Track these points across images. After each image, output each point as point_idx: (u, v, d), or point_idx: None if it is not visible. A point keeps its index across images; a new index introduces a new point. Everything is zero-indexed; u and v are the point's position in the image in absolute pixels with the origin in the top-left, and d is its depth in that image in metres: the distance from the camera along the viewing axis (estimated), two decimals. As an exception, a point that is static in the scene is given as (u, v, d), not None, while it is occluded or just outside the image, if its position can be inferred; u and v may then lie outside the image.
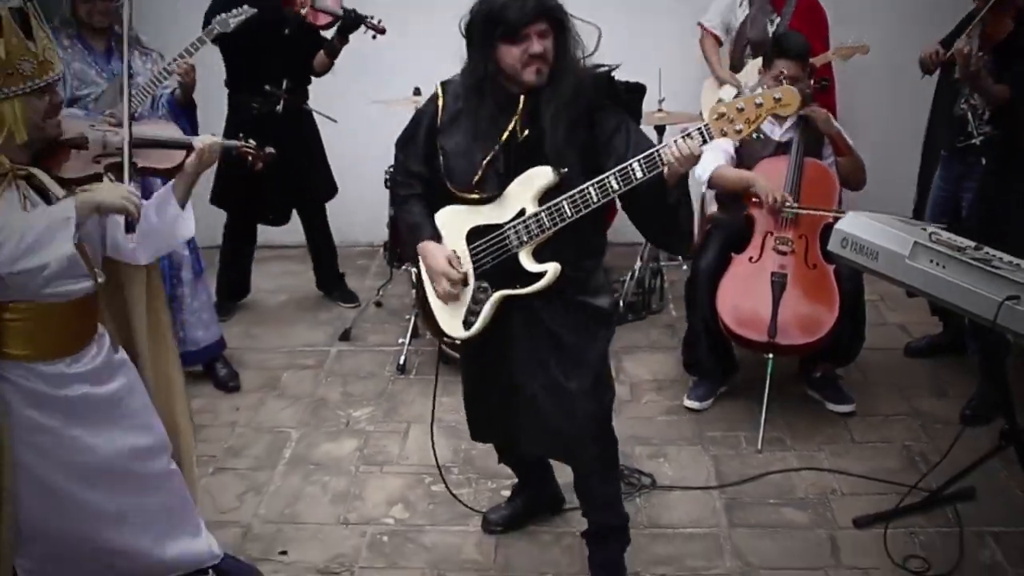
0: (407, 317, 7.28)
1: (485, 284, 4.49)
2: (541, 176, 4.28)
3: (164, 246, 4.42)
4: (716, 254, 6.30)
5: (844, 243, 4.94)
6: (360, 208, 8.48)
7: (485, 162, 4.37)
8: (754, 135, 4.41)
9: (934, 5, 6.80)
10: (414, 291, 6.92)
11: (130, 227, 3.98)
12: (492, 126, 4.37)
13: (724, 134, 4.11)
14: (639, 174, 4.15)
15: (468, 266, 4.50)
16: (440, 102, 4.53)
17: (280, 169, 6.62)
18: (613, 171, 4.18)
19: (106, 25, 6.12)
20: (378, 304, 7.88)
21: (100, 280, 4.05)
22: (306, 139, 7.55)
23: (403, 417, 6.40)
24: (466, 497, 5.50)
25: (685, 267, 7.38)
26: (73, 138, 4.10)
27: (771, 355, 6.00)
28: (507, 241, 4.39)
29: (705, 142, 4.10)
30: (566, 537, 5.21)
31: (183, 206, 4.32)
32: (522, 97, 4.31)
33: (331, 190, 7.88)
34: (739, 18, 7.83)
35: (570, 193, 4.24)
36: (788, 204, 6.12)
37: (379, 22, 7.17)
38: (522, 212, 4.34)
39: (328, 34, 7.38)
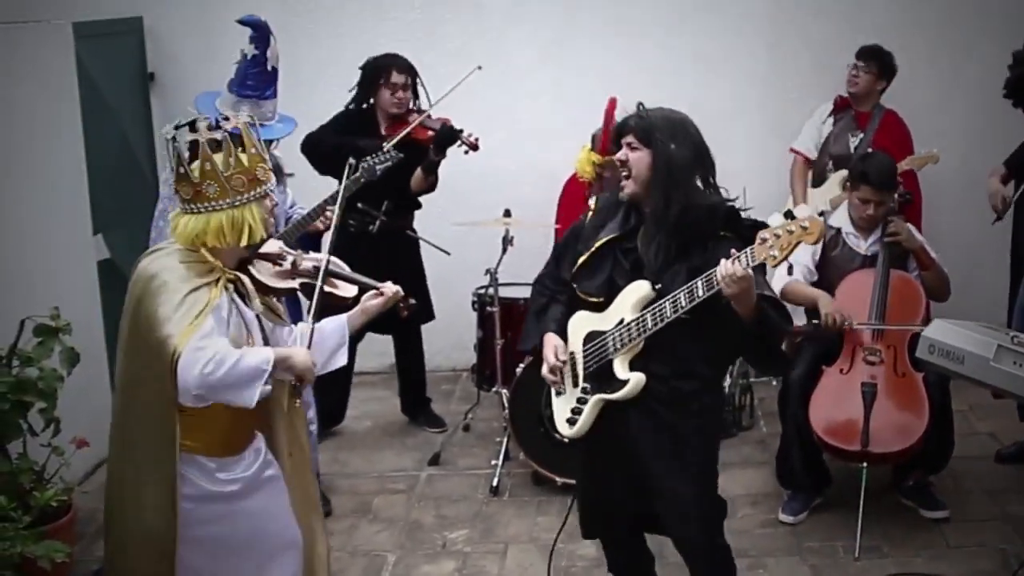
0: (497, 440, 7.65)
1: (588, 386, 5.03)
2: (639, 290, 4.85)
3: (319, 369, 4.77)
4: (807, 367, 6.75)
5: (931, 349, 5.42)
6: (443, 333, 8.87)
7: (590, 259, 5.02)
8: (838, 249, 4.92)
9: (1014, 120, 7.32)
10: (505, 412, 7.45)
11: (297, 392, 4.56)
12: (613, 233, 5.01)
13: (764, 259, 4.56)
14: (701, 292, 4.66)
15: (580, 367, 5.05)
16: (590, 212, 5.16)
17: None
18: (682, 288, 4.71)
19: None
20: (466, 428, 8.25)
21: (269, 388, 4.46)
22: (404, 261, 7.90)
23: (500, 538, 6.78)
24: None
25: (775, 383, 7.79)
26: (272, 253, 4.69)
27: (865, 464, 6.41)
28: (607, 347, 4.95)
29: (749, 265, 4.54)
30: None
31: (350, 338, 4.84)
32: (644, 213, 4.92)
33: (426, 315, 8.23)
34: (823, 134, 8.42)
35: (653, 307, 4.80)
36: (847, 323, 6.56)
37: (476, 139, 7.62)
38: (621, 321, 4.90)
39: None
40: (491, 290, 7.63)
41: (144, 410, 4.45)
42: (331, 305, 4.89)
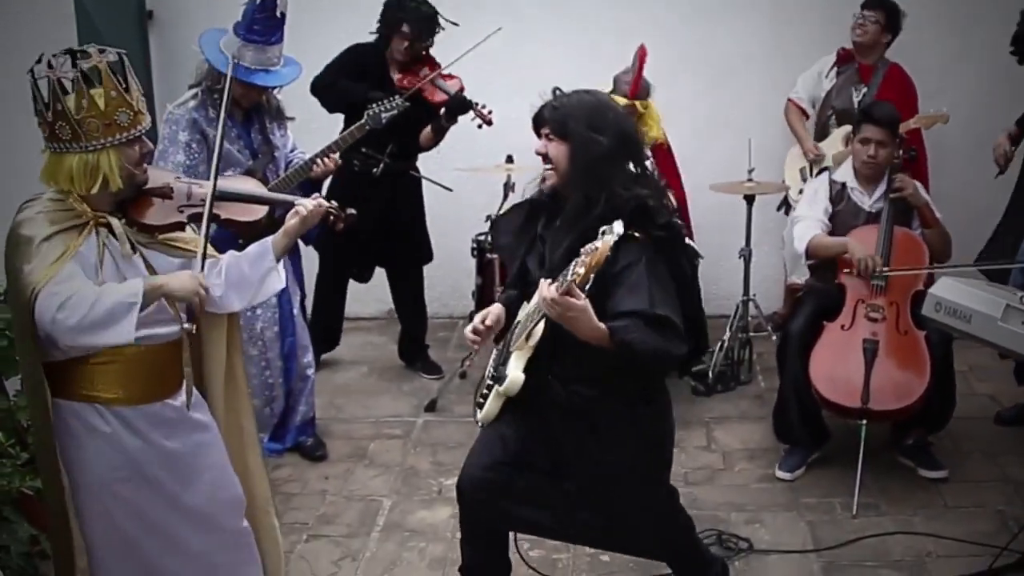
0: None
1: (496, 375, 4.87)
2: (543, 288, 4.42)
3: (253, 297, 4.77)
4: (807, 320, 6.80)
5: (938, 307, 5.44)
6: (441, 280, 8.94)
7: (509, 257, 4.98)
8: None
9: (1020, 75, 7.34)
10: (502, 361, 7.46)
11: (190, 315, 4.41)
12: (532, 227, 4.91)
13: (572, 277, 4.18)
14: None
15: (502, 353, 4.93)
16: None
17: (372, 227, 7.18)
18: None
19: (250, 106, 6.57)
20: (462, 376, 8.24)
21: (187, 326, 4.39)
22: (404, 202, 7.96)
23: (496, 485, 6.82)
24: (564, 562, 5.94)
25: (774, 338, 7.83)
26: (158, 187, 4.54)
27: (864, 421, 6.44)
28: (511, 340, 4.85)
29: (565, 287, 4.20)
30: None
31: (278, 261, 4.73)
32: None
33: (425, 255, 8.29)
34: (825, 88, 8.43)
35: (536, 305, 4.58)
36: (879, 270, 6.63)
37: (488, 112, 7.68)
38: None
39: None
40: (491, 237, 7.62)
41: (20, 360, 4.49)
42: (249, 233, 4.83)
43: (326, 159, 6.73)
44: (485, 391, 4.94)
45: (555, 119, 4.69)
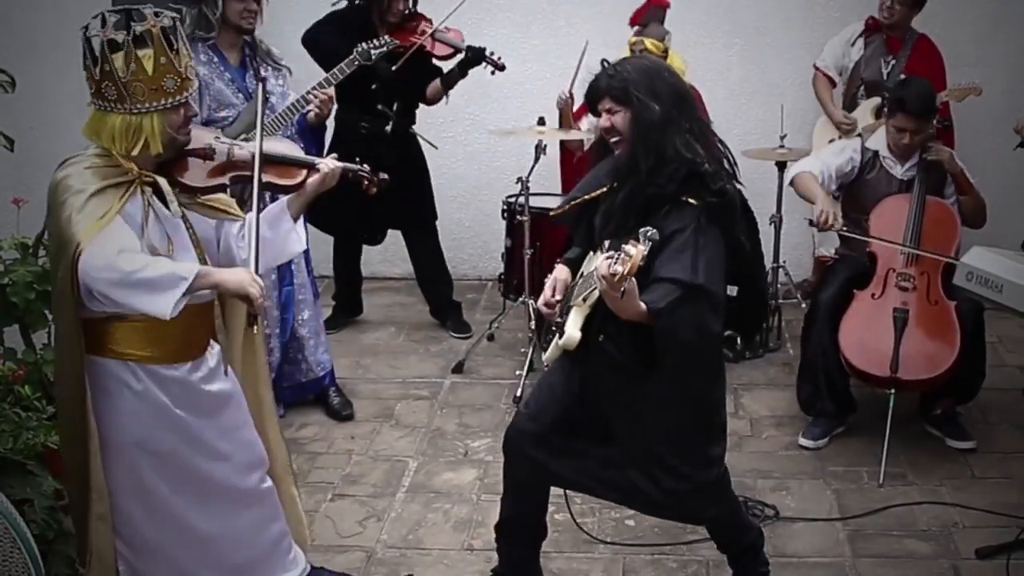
0: (522, 351, 7.67)
1: (559, 325, 4.83)
2: (600, 264, 4.35)
3: (274, 259, 4.82)
4: (837, 289, 6.73)
5: (970, 276, 5.39)
6: (471, 241, 8.90)
7: (572, 208, 4.97)
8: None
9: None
10: (531, 323, 7.43)
11: (252, 319, 4.46)
12: (596, 185, 4.88)
13: (612, 271, 4.12)
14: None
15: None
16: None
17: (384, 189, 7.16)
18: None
19: (253, 28, 6.51)
20: (491, 338, 8.22)
21: (254, 330, 4.47)
22: (412, 161, 7.92)
23: (522, 447, 6.81)
24: (590, 526, 5.92)
25: (803, 305, 7.74)
26: (199, 148, 4.54)
27: (892, 391, 6.40)
28: (570, 295, 4.84)
29: (623, 273, 4.11)
30: (692, 564, 5.65)
31: (295, 221, 4.75)
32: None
33: (431, 215, 8.24)
34: (853, 58, 8.33)
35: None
36: (835, 225, 6.56)
37: (498, 58, 7.60)
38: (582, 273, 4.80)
39: (446, 65, 7.77)
40: (522, 199, 7.60)
41: (56, 312, 4.51)
42: (287, 194, 4.78)
43: (318, 92, 6.68)
44: (549, 337, 4.95)
45: (615, 87, 4.64)
